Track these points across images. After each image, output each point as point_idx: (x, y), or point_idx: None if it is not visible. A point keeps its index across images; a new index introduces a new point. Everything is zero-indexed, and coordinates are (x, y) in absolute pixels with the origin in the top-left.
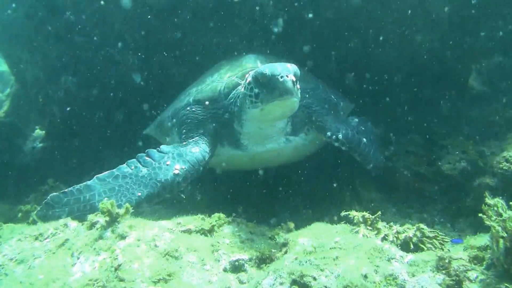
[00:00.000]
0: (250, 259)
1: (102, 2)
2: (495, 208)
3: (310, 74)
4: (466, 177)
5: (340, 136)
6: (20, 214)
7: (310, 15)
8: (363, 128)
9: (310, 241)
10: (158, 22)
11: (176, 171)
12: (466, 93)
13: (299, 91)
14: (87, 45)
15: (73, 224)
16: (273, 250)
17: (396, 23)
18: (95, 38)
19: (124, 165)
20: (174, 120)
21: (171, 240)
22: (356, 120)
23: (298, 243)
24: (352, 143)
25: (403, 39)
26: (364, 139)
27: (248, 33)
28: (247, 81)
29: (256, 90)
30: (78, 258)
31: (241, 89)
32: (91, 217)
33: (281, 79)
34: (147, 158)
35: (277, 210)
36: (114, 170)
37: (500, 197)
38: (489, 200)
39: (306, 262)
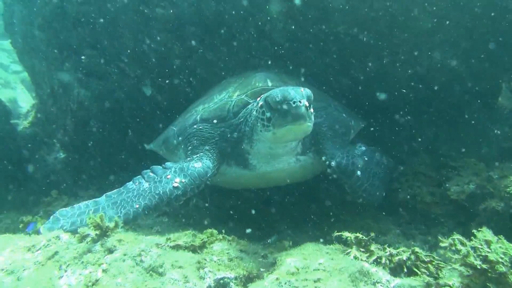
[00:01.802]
0: (236, 278)
1: (112, 14)
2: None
3: (320, 92)
4: (473, 201)
5: (333, 163)
6: (21, 225)
7: (321, 31)
8: (366, 158)
9: (297, 262)
10: (167, 36)
11: (176, 184)
12: (495, 112)
13: (313, 114)
14: (98, 58)
15: (65, 236)
16: (261, 269)
17: (411, 39)
18: (106, 52)
19: (131, 182)
20: (180, 138)
21: (158, 255)
22: (363, 148)
23: (285, 263)
24: (343, 173)
25: (419, 56)
26: (359, 172)
27: (257, 48)
28: (259, 105)
29: (268, 114)
30: (66, 271)
31: (253, 111)
32: (82, 230)
33: (293, 105)
34: (151, 173)
35: (279, 227)
36: (121, 188)
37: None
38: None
39: (285, 283)
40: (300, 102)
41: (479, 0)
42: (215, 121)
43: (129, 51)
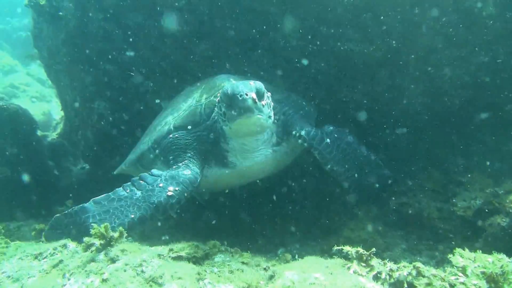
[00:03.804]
0: None
1: (132, 30)
2: None
3: (280, 88)
4: (479, 216)
5: (302, 132)
6: (33, 233)
7: (332, 47)
8: (335, 136)
9: (294, 275)
10: (181, 51)
11: (170, 193)
12: (508, 127)
13: (266, 107)
14: (118, 72)
15: (72, 245)
16: (261, 282)
17: (422, 57)
18: (125, 65)
19: (120, 188)
20: (158, 150)
21: (159, 266)
22: (331, 128)
23: (283, 276)
24: (313, 139)
25: (430, 73)
26: (328, 140)
27: (272, 64)
28: (217, 100)
29: (223, 109)
30: (69, 280)
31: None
32: (87, 240)
33: (240, 98)
34: (141, 181)
35: (287, 240)
36: (110, 193)
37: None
38: None
39: None
40: (246, 95)
41: (488, 17)
42: (189, 127)
43: (147, 64)
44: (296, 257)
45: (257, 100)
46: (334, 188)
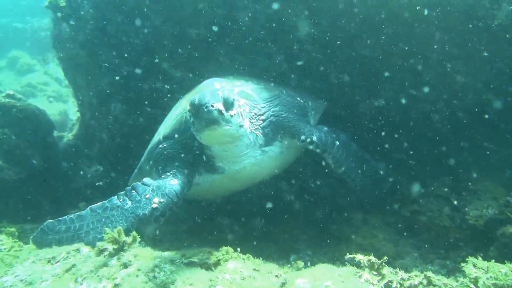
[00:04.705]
0: None
1: (145, 31)
2: None
3: (270, 84)
4: (491, 225)
5: (314, 138)
6: None
7: (346, 53)
8: (334, 136)
9: (306, 283)
10: (201, 54)
11: (155, 205)
12: None
13: (236, 116)
14: (135, 74)
15: (85, 249)
16: None
17: (435, 63)
18: (142, 68)
19: (115, 197)
20: (151, 161)
21: (171, 272)
22: (325, 128)
23: (294, 284)
24: (326, 145)
25: (443, 79)
26: (337, 142)
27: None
28: (187, 109)
29: (192, 119)
30: (81, 284)
31: None
32: (100, 244)
33: (205, 110)
34: (132, 191)
35: (299, 246)
36: (105, 201)
37: None
38: None
39: None
40: (212, 106)
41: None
42: (176, 135)
43: (164, 68)
44: (308, 264)
45: (224, 111)
46: (345, 192)
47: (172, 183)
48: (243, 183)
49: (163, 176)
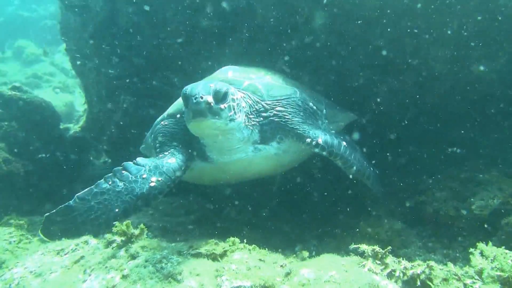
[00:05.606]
0: (252, 286)
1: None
2: None
3: (290, 81)
4: (496, 216)
5: (320, 141)
6: None
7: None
8: (341, 137)
9: (310, 273)
10: (212, 46)
11: (153, 184)
12: None
13: (227, 109)
14: (145, 66)
15: (94, 241)
16: (277, 279)
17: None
18: (151, 60)
19: (102, 180)
20: (153, 135)
21: (178, 263)
22: (333, 131)
23: (299, 274)
24: (332, 147)
25: (457, 70)
26: (344, 143)
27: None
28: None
29: (183, 108)
30: (90, 275)
31: None
32: (109, 236)
33: (194, 101)
34: (123, 171)
35: (305, 236)
36: (93, 187)
37: None
38: None
39: None
40: (201, 98)
41: None
42: (178, 115)
43: (175, 59)
44: (314, 253)
45: (213, 104)
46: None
47: (170, 161)
48: (231, 176)
49: (160, 156)
